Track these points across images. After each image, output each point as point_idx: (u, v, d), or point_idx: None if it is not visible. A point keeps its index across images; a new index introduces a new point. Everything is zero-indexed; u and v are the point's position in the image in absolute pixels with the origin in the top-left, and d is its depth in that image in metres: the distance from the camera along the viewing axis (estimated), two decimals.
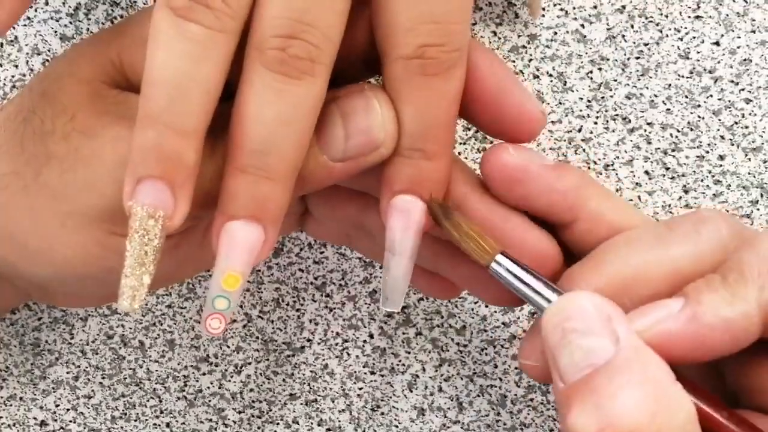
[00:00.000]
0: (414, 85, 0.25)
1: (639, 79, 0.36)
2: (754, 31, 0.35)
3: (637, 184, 0.37)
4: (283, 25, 0.24)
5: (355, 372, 0.41)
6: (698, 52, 0.36)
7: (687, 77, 0.36)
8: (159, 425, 0.42)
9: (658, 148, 0.37)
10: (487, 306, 0.39)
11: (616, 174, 0.37)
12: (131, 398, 0.42)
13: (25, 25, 0.36)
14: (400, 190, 0.27)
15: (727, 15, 0.35)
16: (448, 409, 0.40)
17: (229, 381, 0.41)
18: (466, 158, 0.37)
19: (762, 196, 0.37)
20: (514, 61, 0.36)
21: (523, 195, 0.28)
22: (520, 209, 0.28)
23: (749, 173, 0.37)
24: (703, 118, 0.36)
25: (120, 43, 0.27)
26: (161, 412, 0.42)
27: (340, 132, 0.26)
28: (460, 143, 0.37)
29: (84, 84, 0.27)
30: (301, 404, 0.41)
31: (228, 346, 0.41)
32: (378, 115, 0.26)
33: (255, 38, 0.24)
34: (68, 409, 0.42)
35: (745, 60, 0.36)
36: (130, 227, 0.24)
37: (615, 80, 0.36)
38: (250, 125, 0.24)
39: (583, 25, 0.36)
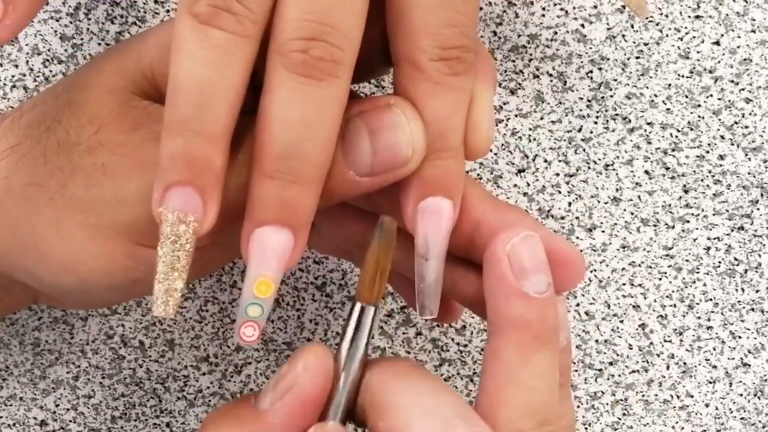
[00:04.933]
0: (445, 86, 0.26)
1: (639, 79, 0.36)
2: (754, 31, 0.35)
3: (637, 183, 0.37)
4: (304, 28, 0.24)
5: None
6: (698, 52, 0.36)
7: (687, 77, 0.36)
8: (159, 425, 0.42)
9: (658, 148, 0.37)
10: None
11: (616, 174, 0.37)
12: (131, 398, 0.42)
13: None
14: (428, 193, 0.27)
15: (727, 15, 0.35)
16: None
17: (230, 381, 0.41)
18: None
19: (762, 195, 0.37)
20: (514, 61, 0.36)
21: (484, 272, 0.28)
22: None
23: (749, 173, 0.37)
24: (703, 118, 0.36)
25: (150, 53, 0.28)
26: (161, 412, 0.42)
27: (367, 148, 0.26)
28: None
29: (113, 95, 0.27)
30: None
31: (228, 346, 0.41)
32: (406, 131, 0.26)
33: (277, 42, 0.24)
34: (68, 409, 0.42)
35: (745, 60, 0.36)
36: (162, 233, 0.24)
37: (615, 80, 0.36)
38: (276, 129, 0.24)
39: (583, 25, 0.36)
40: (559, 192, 0.38)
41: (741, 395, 0.40)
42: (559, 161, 0.37)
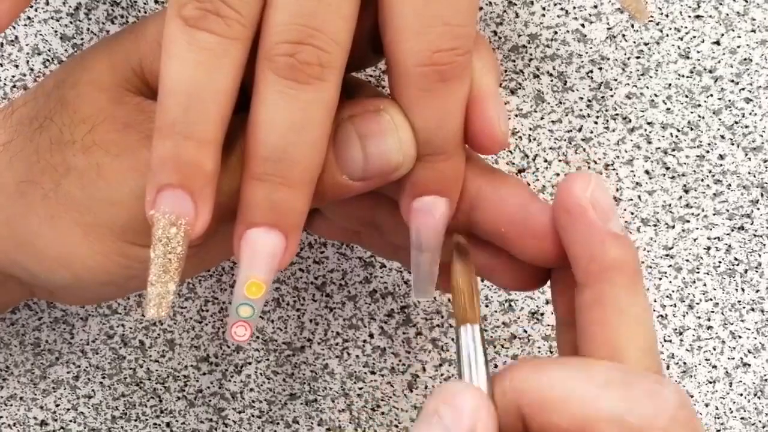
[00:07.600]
0: (432, 93, 0.25)
1: (639, 79, 0.36)
2: (754, 31, 0.35)
3: (637, 183, 0.37)
4: (292, 31, 0.24)
5: (355, 372, 0.41)
6: (698, 52, 0.36)
7: (687, 77, 0.36)
8: (159, 425, 0.42)
9: (659, 148, 0.37)
10: (487, 306, 0.39)
11: (616, 174, 0.37)
12: (131, 398, 0.42)
13: (25, 25, 0.36)
14: (421, 193, 0.27)
15: (728, 14, 0.35)
16: None
17: (230, 381, 0.41)
18: None
19: (762, 195, 0.37)
20: (514, 61, 0.36)
21: (563, 228, 0.27)
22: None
23: (749, 173, 0.37)
24: (704, 118, 0.36)
25: (140, 49, 0.27)
26: (161, 412, 0.42)
27: (359, 154, 0.26)
28: None
29: (104, 92, 0.27)
30: (302, 404, 0.41)
31: (228, 346, 0.41)
32: (396, 139, 0.26)
33: (264, 46, 0.24)
34: (68, 409, 0.42)
35: (745, 59, 0.36)
36: (154, 236, 0.25)
37: (615, 80, 0.36)
38: (263, 132, 0.24)
39: (583, 25, 0.36)
40: None
41: (741, 395, 0.40)
42: (560, 161, 0.37)
